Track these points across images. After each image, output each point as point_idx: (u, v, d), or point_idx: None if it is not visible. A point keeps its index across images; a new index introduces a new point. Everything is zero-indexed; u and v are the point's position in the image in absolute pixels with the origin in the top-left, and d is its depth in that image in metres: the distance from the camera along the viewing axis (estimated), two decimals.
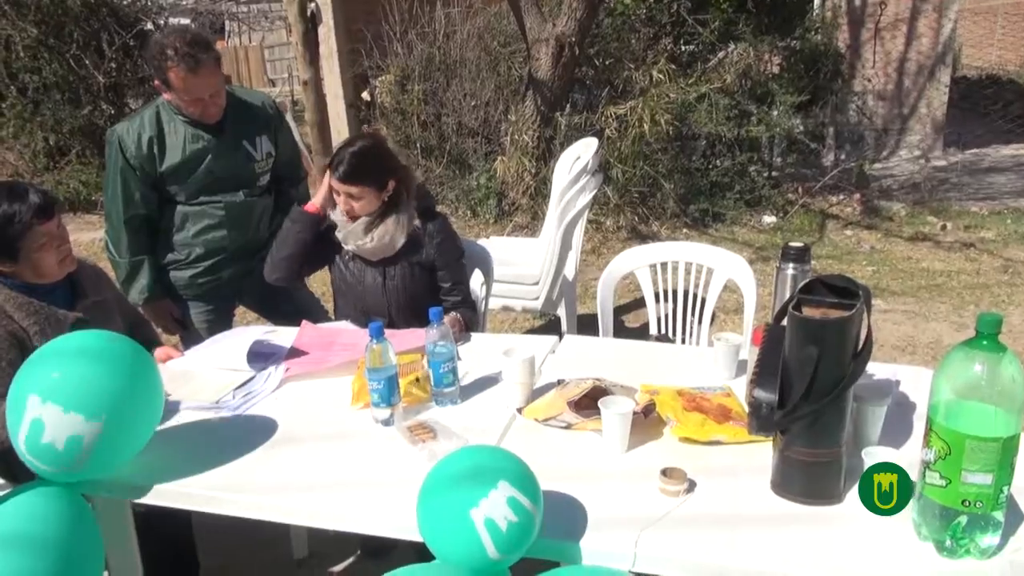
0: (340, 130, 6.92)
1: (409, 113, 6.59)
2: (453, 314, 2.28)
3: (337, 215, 2.32)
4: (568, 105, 6.11)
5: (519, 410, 1.78)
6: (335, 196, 2.26)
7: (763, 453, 1.52)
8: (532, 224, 5.87)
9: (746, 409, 1.72)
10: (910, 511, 1.34)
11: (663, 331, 2.71)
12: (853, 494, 1.44)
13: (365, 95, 6.90)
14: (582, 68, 6.44)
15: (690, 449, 1.61)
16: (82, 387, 1.50)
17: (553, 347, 2.17)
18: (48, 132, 7.21)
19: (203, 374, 2.05)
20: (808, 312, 1.42)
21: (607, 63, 6.59)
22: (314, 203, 2.33)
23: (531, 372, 1.80)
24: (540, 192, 5.89)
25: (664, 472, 1.47)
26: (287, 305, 2.73)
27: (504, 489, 1.26)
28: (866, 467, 1.36)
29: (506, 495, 1.25)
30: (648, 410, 1.68)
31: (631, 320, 4.36)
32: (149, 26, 7.78)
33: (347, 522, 1.48)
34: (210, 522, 1.59)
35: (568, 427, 1.69)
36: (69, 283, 2.08)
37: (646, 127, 5.70)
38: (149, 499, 1.59)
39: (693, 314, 2.71)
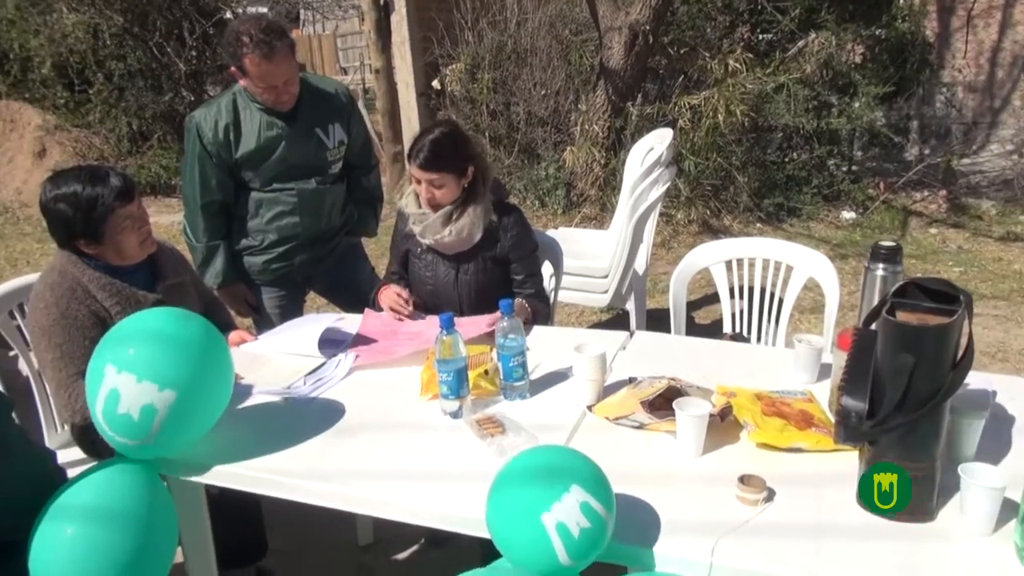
0: (410, 118, 6.98)
1: (478, 102, 6.58)
2: (519, 300, 2.25)
3: (411, 207, 2.32)
4: (640, 95, 6.00)
5: (589, 407, 1.74)
6: (415, 185, 2.24)
7: (847, 463, 1.45)
8: (600, 216, 5.79)
9: (829, 416, 1.64)
10: (1012, 533, 1.25)
11: (737, 330, 2.62)
12: (947, 511, 1.35)
13: (435, 83, 6.91)
14: (655, 57, 6.31)
15: (769, 456, 1.54)
16: (156, 358, 1.53)
17: (624, 343, 2.12)
18: (131, 118, 7.49)
19: (275, 359, 2.08)
20: (903, 317, 1.34)
21: (681, 52, 6.44)
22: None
23: (602, 369, 1.76)
24: (609, 183, 5.81)
25: (742, 479, 1.41)
26: (355, 293, 2.74)
27: (577, 493, 1.22)
28: (964, 486, 1.28)
29: (579, 500, 1.22)
30: (725, 413, 1.62)
31: (701, 316, 4.26)
32: (228, 15, 7.97)
33: (414, 515, 1.47)
34: (278, 504, 1.61)
35: (640, 427, 1.65)
36: (150, 265, 2.12)
37: (720, 118, 5.55)
38: (221, 481, 1.61)
39: (769, 313, 2.61)
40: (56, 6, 7.49)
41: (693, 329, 3.93)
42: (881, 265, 1.69)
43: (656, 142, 3.75)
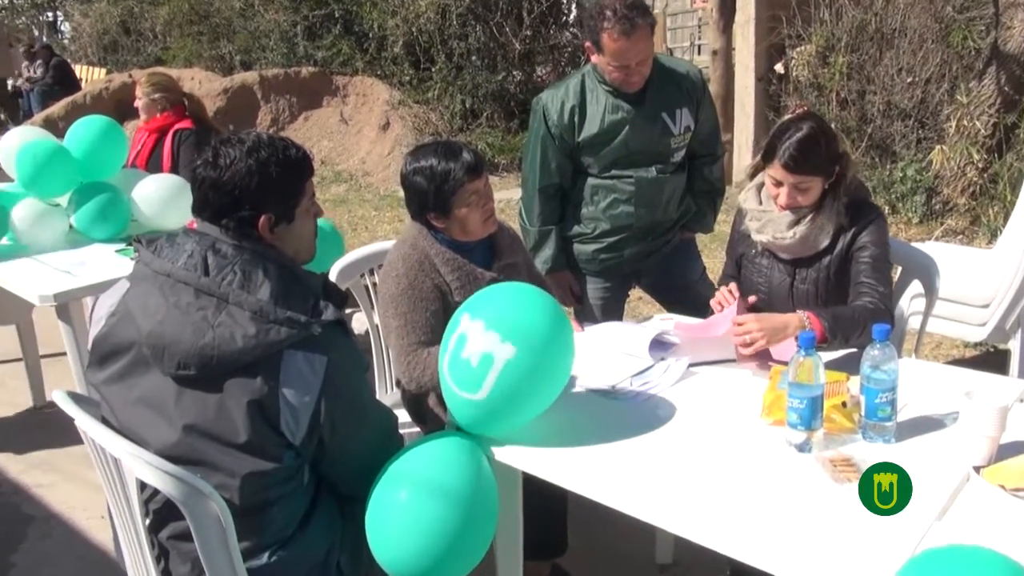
0: (745, 104, 6.74)
1: (827, 89, 6.14)
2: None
3: (751, 202, 2.22)
4: None
5: (976, 469, 1.51)
6: (772, 187, 2.13)
7: None
8: (970, 230, 5.11)
9: None
10: None
11: None
12: None
13: (778, 67, 6.60)
14: None
15: None
16: (507, 314, 1.68)
17: (1022, 395, 1.81)
18: (466, 95, 8.19)
19: (602, 354, 2.11)
20: None
21: None
22: None
23: (1003, 424, 1.51)
24: (987, 192, 5.10)
25: None
26: (684, 294, 2.71)
27: None
28: None
29: None
30: None
31: None
32: None
33: (730, 544, 1.39)
34: (581, 502, 1.63)
35: None
36: (489, 243, 2.26)
37: None
38: (536, 469, 1.66)
39: None
40: None
41: None
42: None
43: None
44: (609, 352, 2.12)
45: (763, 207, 2.19)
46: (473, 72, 8.14)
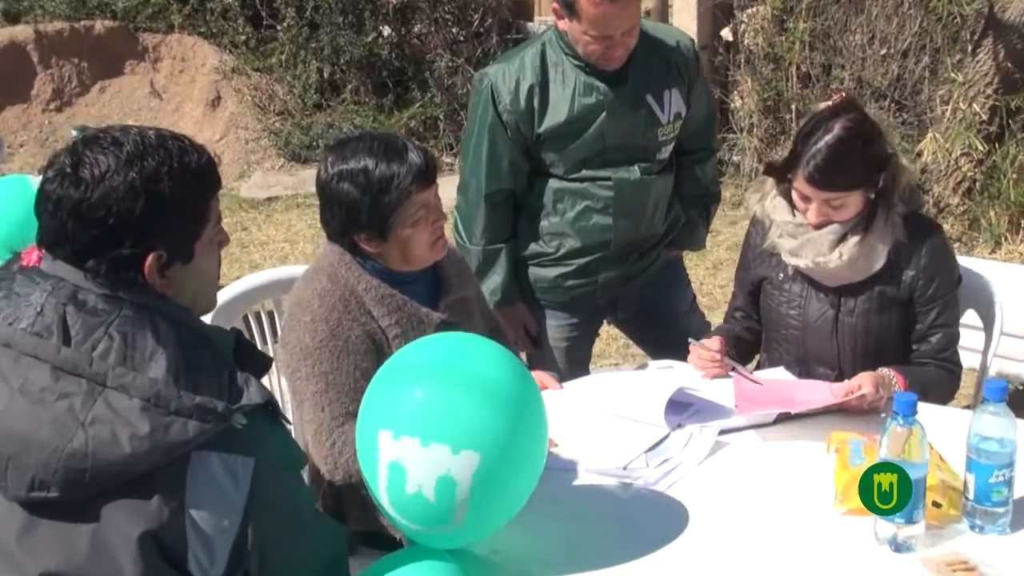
0: None
1: (786, 62, 6.36)
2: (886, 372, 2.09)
3: (780, 212, 2.22)
4: None
5: None
6: (800, 201, 2.14)
7: None
8: (968, 236, 5.37)
9: None
10: None
11: None
12: None
13: (726, 33, 6.78)
14: None
15: None
16: (444, 409, 1.53)
17: None
18: (322, 62, 7.95)
19: (599, 423, 2.06)
20: None
21: None
22: None
23: None
24: (986, 190, 5.36)
25: None
26: (669, 330, 2.68)
27: None
28: None
29: None
30: None
31: None
32: None
33: None
34: None
35: None
36: (433, 273, 2.16)
37: None
38: None
39: None
40: None
41: None
42: None
43: None
44: (607, 420, 2.06)
45: (797, 220, 2.18)
46: (332, 31, 7.91)
